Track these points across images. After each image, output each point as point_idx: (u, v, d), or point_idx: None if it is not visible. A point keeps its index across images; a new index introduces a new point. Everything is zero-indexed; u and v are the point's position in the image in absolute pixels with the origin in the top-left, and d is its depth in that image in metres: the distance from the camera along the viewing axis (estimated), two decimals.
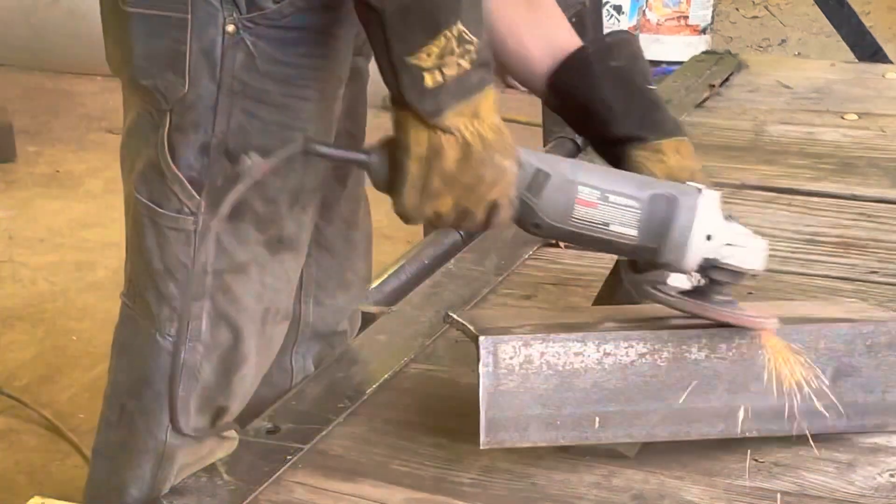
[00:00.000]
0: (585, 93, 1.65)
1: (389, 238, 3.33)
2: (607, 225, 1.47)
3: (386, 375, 1.78)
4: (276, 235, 1.55)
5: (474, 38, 1.37)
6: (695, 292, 1.51)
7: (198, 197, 1.51)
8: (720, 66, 3.09)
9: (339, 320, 1.85)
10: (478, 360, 1.46)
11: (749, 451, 1.57)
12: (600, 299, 1.79)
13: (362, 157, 1.45)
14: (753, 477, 1.53)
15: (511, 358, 1.46)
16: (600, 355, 1.49)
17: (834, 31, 4.05)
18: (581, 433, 1.49)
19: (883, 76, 3.10)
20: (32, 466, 3.03)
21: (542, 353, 1.47)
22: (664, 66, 5.15)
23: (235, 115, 1.49)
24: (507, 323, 1.63)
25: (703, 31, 5.58)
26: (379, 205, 1.67)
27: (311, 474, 1.56)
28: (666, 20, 5.53)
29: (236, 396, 1.61)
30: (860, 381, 1.56)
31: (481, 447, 1.47)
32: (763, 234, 2.20)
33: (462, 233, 2.28)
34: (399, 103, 1.39)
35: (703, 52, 3.35)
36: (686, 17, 5.53)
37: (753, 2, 5.92)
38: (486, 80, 1.40)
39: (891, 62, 3.74)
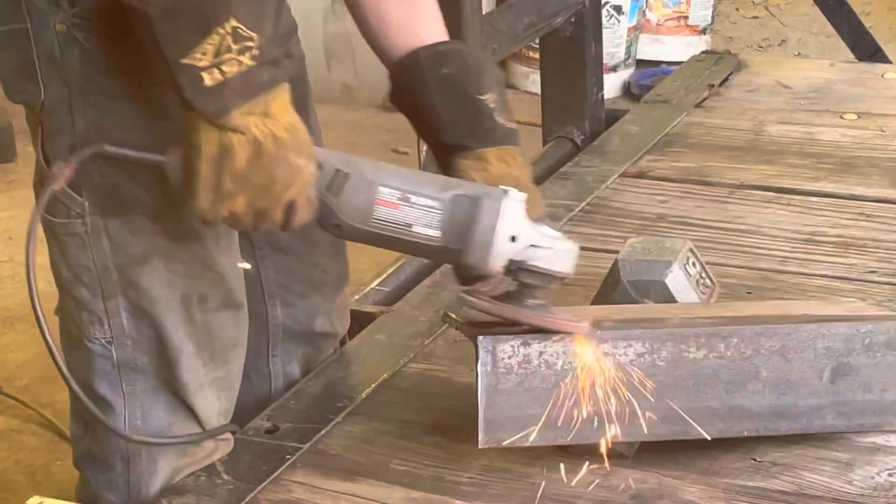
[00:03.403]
0: (418, 98, 1.63)
1: None
2: (409, 226, 1.44)
3: (385, 375, 1.78)
4: (172, 225, 1.54)
5: (253, 34, 1.35)
6: (507, 297, 1.48)
7: (80, 198, 1.52)
8: (720, 65, 3.09)
9: (313, 320, 1.84)
10: (476, 359, 1.46)
11: (747, 450, 1.57)
12: (599, 299, 1.79)
13: (159, 158, 1.43)
14: (752, 476, 1.53)
15: (510, 357, 1.46)
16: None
17: (834, 31, 4.05)
18: (580, 433, 1.49)
19: (882, 76, 3.09)
20: (32, 466, 3.03)
21: (541, 353, 1.47)
22: (664, 66, 5.15)
23: (90, 114, 1.49)
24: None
25: (703, 31, 5.58)
26: None
27: (309, 474, 1.56)
28: (666, 20, 5.52)
29: (200, 390, 1.60)
30: (859, 381, 1.56)
31: (480, 446, 1.47)
32: (762, 234, 2.22)
33: None
34: (185, 105, 1.37)
35: (703, 52, 3.35)
36: (686, 17, 5.52)
37: (753, 2, 5.92)
38: (278, 77, 1.38)
39: (890, 62, 3.73)
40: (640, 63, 5.51)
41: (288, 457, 1.59)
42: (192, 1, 1.33)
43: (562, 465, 1.55)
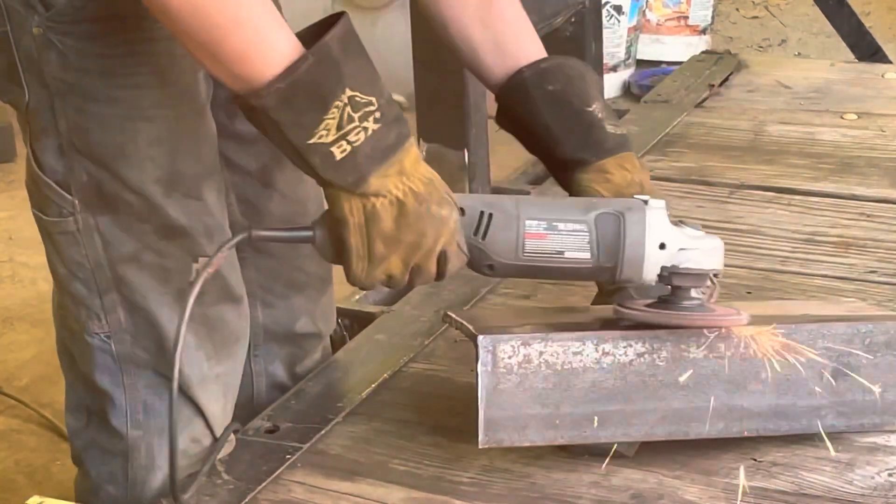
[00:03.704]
0: (526, 117, 1.65)
1: None
2: (561, 253, 1.47)
3: (385, 375, 1.78)
4: (160, 223, 1.55)
5: (371, 98, 1.36)
6: (662, 302, 1.50)
7: (69, 197, 1.53)
8: (720, 65, 3.09)
9: (295, 321, 1.84)
10: (476, 359, 1.46)
11: (747, 450, 1.57)
12: (599, 299, 1.79)
13: (306, 234, 1.45)
14: (752, 476, 1.53)
15: (510, 357, 1.46)
16: (599, 355, 1.49)
17: (834, 31, 4.05)
18: (580, 432, 1.49)
19: (882, 76, 3.09)
20: (32, 466, 3.03)
21: (541, 353, 1.47)
22: (664, 66, 5.15)
23: (70, 115, 1.50)
24: (506, 322, 1.63)
25: (703, 32, 5.58)
26: None
27: (310, 473, 1.56)
28: (666, 20, 5.53)
29: (204, 386, 1.61)
30: (859, 381, 1.56)
31: (480, 446, 1.47)
32: (762, 234, 2.21)
33: None
34: (322, 182, 1.39)
35: (703, 52, 3.34)
36: (686, 18, 5.53)
37: (753, 2, 5.92)
38: (403, 133, 1.40)
39: (890, 62, 3.74)
40: (640, 63, 5.51)
41: (288, 457, 1.59)
42: (304, 84, 1.34)
43: (562, 465, 1.55)
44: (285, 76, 1.33)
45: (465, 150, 2.22)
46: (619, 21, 5.28)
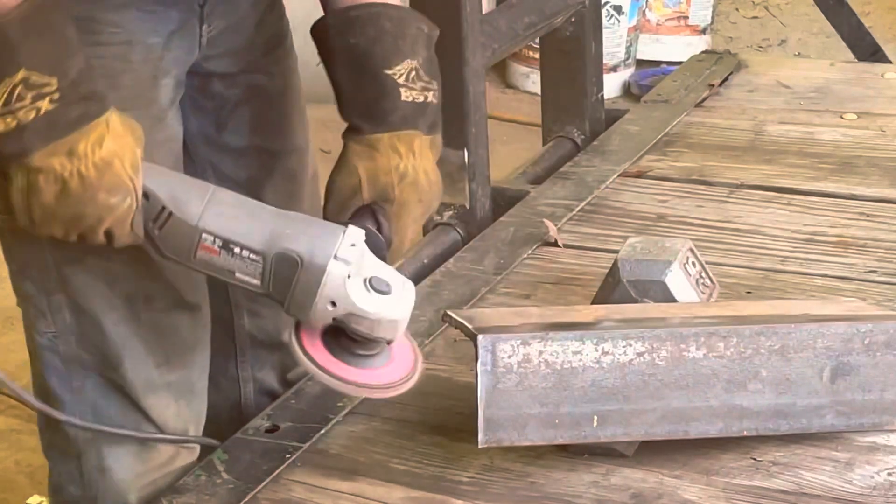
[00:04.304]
0: (327, 68, 1.53)
1: None
2: (232, 273, 1.43)
3: None
4: None
5: (50, 78, 1.33)
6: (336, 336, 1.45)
7: None
8: (720, 65, 3.09)
9: (282, 331, 1.80)
10: (476, 358, 1.46)
11: (747, 449, 1.57)
12: (598, 299, 1.79)
13: None
14: (752, 476, 1.53)
15: (509, 357, 1.46)
16: (598, 354, 1.49)
17: (834, 31, 4.05)
18: (579, 432, 1.49)
19: (882, 76, 3.09)
20: (32, 466, 3.03)
21: (541, 352, 1.47)
22: (664, 66, 5.16)
23: None
24: (506, 322, 1.63)
25: (703, 31, 5.58)
26: None
27: (309, 473, 1.56)
28: (666, 20, 5.53)
29: (153, 392, 1.59)
30: (858, 380, 1.56)
31: (480, 446, 1.47)
32: (762, 234, 2.22)
33: (462, 233, 2.28)
34: None
35: (703, 52, 3.34)
36: (686, 17, 5.53)
37: (753, 2, 5.92)
38: (89, 115, 1.36)
39: (890, 62, 3.73)
40: (640, 63, 5.51)
41: (288, 456, 1.59)
42: None
43: (562, 465, 1.55)
44: None
45: (465, 150, 2.21)
46: (619, 21, 5.28)
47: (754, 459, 1.56)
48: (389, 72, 1.49)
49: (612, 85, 5.13)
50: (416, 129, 1.52)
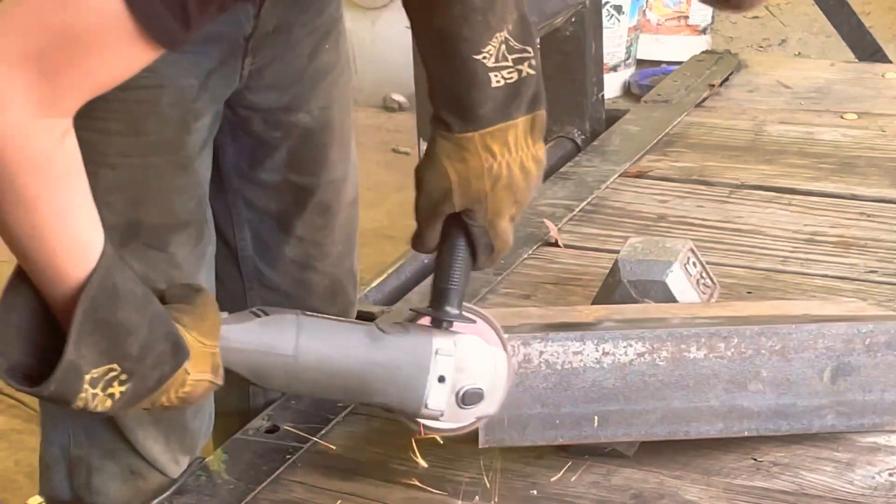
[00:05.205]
0: (415, 43, 1.39)
1: (390, 238, 3.32)
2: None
3: None
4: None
5: (112, 365, 1.26)
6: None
7: None
8: (720, 65, 3.09)
9: None
10: None
11: (748, 450, 1.57)
12: (599, 299, 1.79)
13: None
14: (752, 476, 1.53)
15: (510, 357, 1.46)
16: (599, 354, 1.49)
17: (834, 31, 4.05)
18: (580, 432, 1.49)
19: (882, 76, 3.09)
20: (32, 466, 3.01)
21: (541, 353, 1.47)
22: (664, 65, 5.15)
23: None
24: (507, 322, 1.63)
25: (704, 31, 5.58)
26: (379, 205, 1.67)
27: (310, 473, 1.56)
28: (666, 20, 5.52)
29: (140, 426, 1.56)
30: (859, 381, 1.56)
31: (480, 446, 1.47)
32: (762, 234, 2.21)
33: None
34: None
35: (703, 52, 3.34)
36: (686, 17, 5.52)
37: None
38: (164, 376, 1.29)
39: (890, 62, 3.73)
40: (640, 63, 5.50)
41: (288, 456, 1.59)
42: (48, 397, 1.26)
43: (562, 465, 1.55)
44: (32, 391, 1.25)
45: None
46: (619, 21, 5.27)
47: (755, 460, 1.56)
48: (478, 57, 1.33)
49: (612, 85, 5.13)
50: (511, 119, 1.36)
